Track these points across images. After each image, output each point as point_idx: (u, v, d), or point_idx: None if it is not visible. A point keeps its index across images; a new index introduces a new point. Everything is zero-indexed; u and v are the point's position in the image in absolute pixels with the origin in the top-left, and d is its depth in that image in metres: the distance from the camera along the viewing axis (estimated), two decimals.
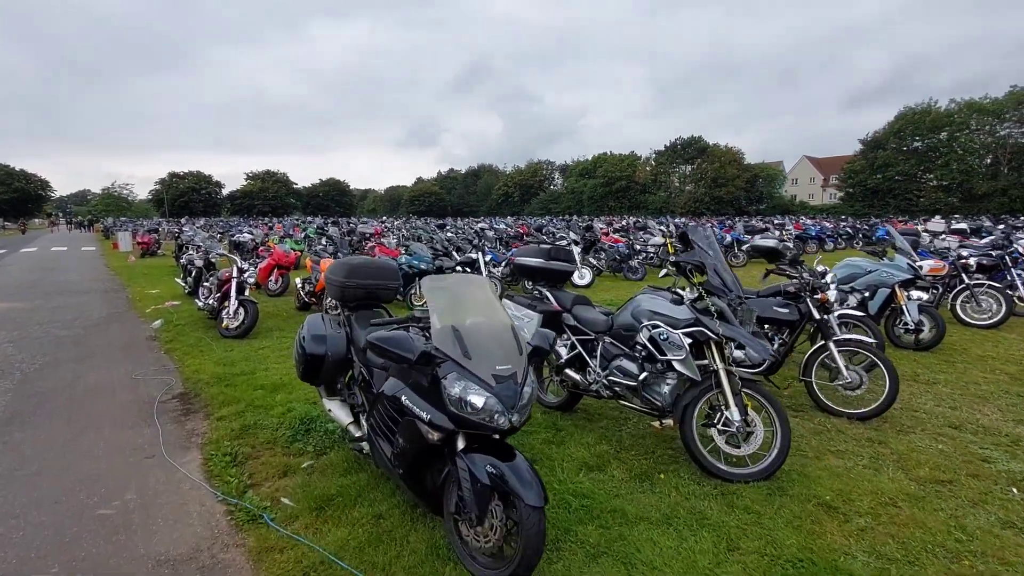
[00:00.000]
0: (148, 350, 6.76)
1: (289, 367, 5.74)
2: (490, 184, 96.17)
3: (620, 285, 12.56)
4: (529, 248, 4.71)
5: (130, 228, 32.25)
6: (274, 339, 7.10)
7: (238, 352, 6.44)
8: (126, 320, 8.74)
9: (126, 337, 7.49)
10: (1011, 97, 52.85)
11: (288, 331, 7.55)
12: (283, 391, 4.96)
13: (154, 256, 21.62)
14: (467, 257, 10.58)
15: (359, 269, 3.69)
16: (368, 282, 3.70)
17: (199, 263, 9.90)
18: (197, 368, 5.78)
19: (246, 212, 78.97)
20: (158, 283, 13.11)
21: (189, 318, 8.59)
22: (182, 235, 16.55)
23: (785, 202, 71.06)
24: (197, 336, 7.30)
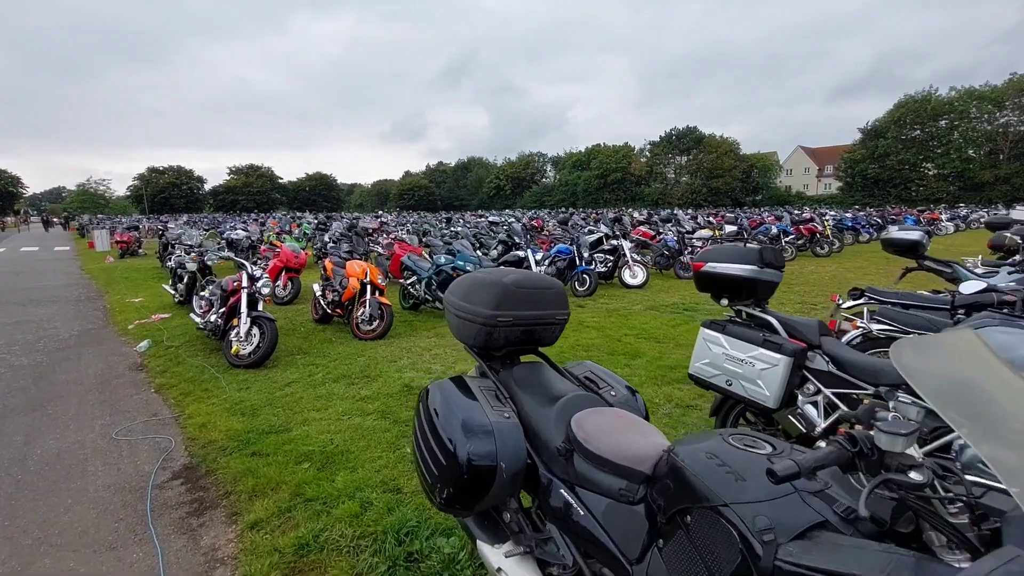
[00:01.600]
0: (133, 387, 5.07)
1: (336, 416, 4.12)
2: (481, 177, 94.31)
3: (675, 286, 11.05)
4: (724, 249, 3.13)
5: (107, 226, 29.97)
6: (300, 368, 5.44)
7: (257, 390, 4.78)
8: (103, 340, 7.00)
9: (103, 366, 5.78)
10: (1011, 85, 52.38)
11: (315, 355, 5.90)
12: (342, 466, 3.33)
13: (135, 256, 19.64)
14: (513, 255, 8.98)
15: (517, 292, 2.07)
16: (532, 313, 2.11)
17: (192, 267, 8.18)
18: (204, 420, 4.13)
19: (229, 208, 76.15)
20: (141, 289, 11.30)
21: (183, 336, 6.89)
22: (167, 233, 14.68)
23: (781, 193, 70.33)
24: (197, 364, 5.62)
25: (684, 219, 18.09)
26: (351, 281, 6.82)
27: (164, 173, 79.50)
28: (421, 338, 6.71)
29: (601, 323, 7.46)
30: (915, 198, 54.50)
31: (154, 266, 15.45)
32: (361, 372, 5.25)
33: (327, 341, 6.60)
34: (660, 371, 5.21)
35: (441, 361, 5.66)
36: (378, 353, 5.99)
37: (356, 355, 5.90)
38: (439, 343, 6.44)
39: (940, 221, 26.03)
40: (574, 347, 6.15)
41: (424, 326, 7.38)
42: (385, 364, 5.53)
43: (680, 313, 8.17)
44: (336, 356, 5.87)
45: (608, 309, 8.53)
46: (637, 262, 10.93)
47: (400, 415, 4.11)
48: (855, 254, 16.89)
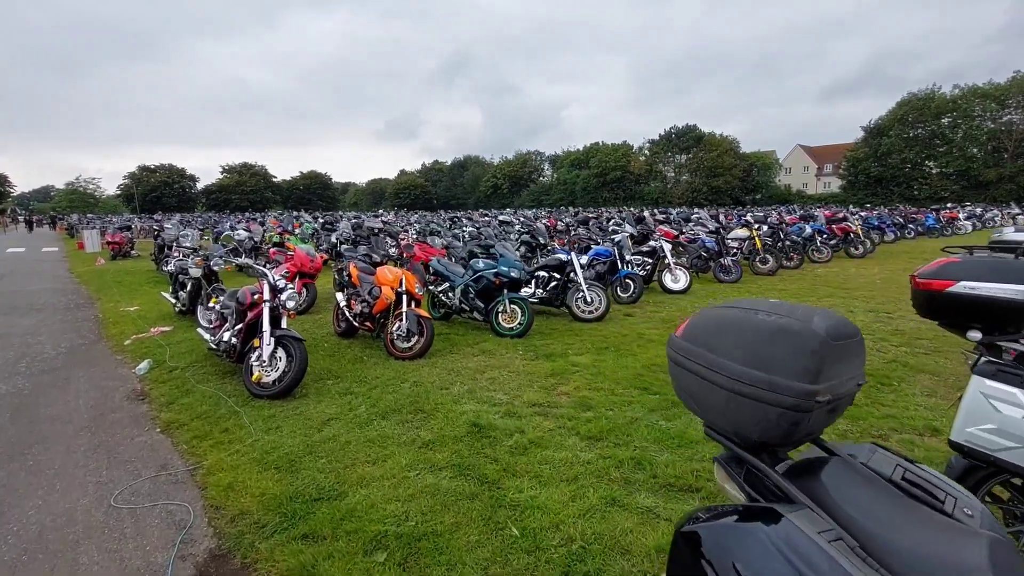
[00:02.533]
0: (134, 425, 4.14)
1: (399, 472, 3.22)
2: (478, 176, 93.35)
3: (718, 290, 10.21)
4: (987, 264, 2.25)
5: (98, 226, 28.80)
6: (336, 399, 4.53)
7: (290, 431, 3.87)
8: (96, 359, 6.05)
9: (96, 395, 4.84)
10: (1015, 83, 52.01)
11: (350, 379, 4.99)
12: (433, 560, 2.43)
13: (127, 258, 18.58)
14: (553, 259, 8.08)
15: (835, 349, 1.17)
16: (847, 380, 1.23)
17: (196, 273, 7.24)
18: (230, 476, 3.22)
19: (222, 207, 74.71)
20: (136, 295, 10.32)
21: (190, 354, 5.95)
22: (163, 234, 13.67)
23: (781, 191, 69.85)
24: (210, 393, 4.70)
25: (707, 218, 17.26)
26: (384, 291, 5.90)
27: (155, 172, 77.86)
28: (466, 356, 5.81)
29: (663, 336, 6.58)
30: (918, 197, 53.99)
31: (149, 269, 14.43)
32: (411, 404, 4.34)
33: (358, 360, 5.68)
34: None
35: (502, 388, 4.77)
36: (423, 377, 5.09)
37: (398, 379, 5.00)
38: (489, 363, 5.54)
39: (958, 220, 25.39)
40: (650, 367, 5.28)
41: (464, 340, 6.48)
42: (436, 393, 4.62)
43: None
44: (375, 381, 4.96)
45: (662, 319, 7.66)
46: (679, 265, 10.07)
47: (482, 470, 3.22)
48: (888, 255, 16.13)
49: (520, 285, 7.03)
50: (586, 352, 5.90)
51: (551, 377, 5.07)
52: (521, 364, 5.50)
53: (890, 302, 8.64)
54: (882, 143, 56.50)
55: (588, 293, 7.57)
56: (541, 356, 5.78)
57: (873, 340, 6.35)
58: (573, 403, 4.39)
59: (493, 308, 6.77)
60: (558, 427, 3.89)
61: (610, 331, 6.91)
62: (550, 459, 3.37)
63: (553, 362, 5.54)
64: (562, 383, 4.89)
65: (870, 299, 8.92)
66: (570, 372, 5.19)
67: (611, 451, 3.48)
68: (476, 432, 3.78)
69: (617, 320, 7.62)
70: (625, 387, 4.77)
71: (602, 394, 4.59)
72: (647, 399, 4.45)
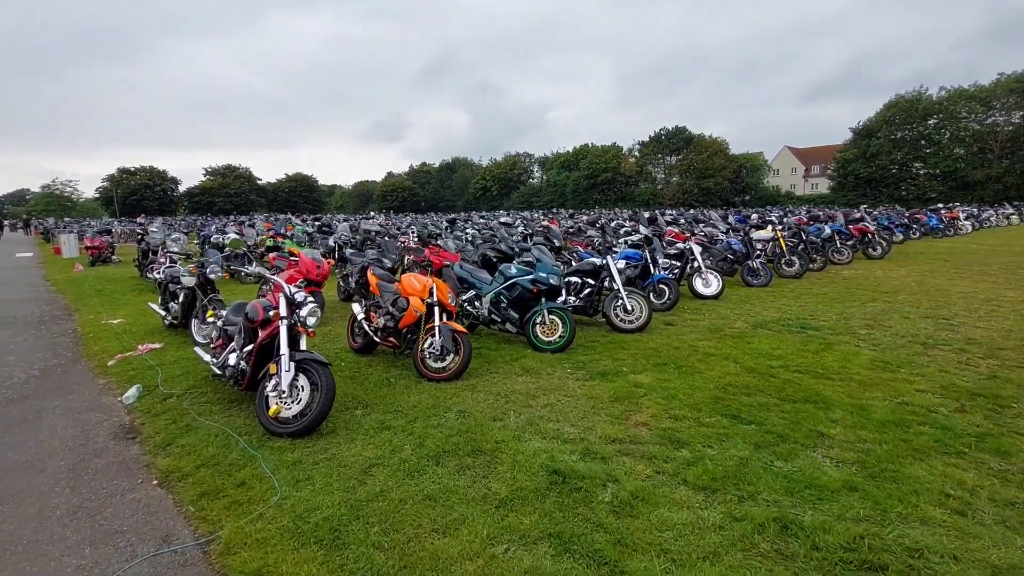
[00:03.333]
0: (123, 476, 3.32)
1: (482, 549, 2.46)
2: (466, 178, 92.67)
3: (751, 295, 9.56)
4: None
5: (76, 229, 27.49)
6: (372, 436, 3.75)
7: (324, 485, 3.08)
8: (74, 384, 5.19)
9: (75, 433, 4.00)
10: (1000, 85, 52.64)
11: (382, 407, 4.20)
12: None
13: (107, 264, 17.47)
14: (587, 263, 7.36)
15: None
16: None
17: (189, 282, 6.39)
18: (258, 558, 2.43)
19: (205, 210, 72.89)
20: (119, 305, 9.39)
21: (186, 377, 5.12)
22: (147, 237, 12.70)
23: (771, 192, 70.08)
24: (216, 430, 3.89)
25: (717, 219, 16.70)
26: (412, 302, 5.13)
27: (136, 174, 75.70)
28: (508, 376, 5.06)
29: (721, 349, 5.91)
30: (906, 197, 54.36)
31: (132, 276, 13.43)
32: (467, 442, 3.58)
33: (385, 383, 4.90)
34: (915, 436, 3.66)
35: (565, 418, 4.02)
36: (467, 403, 4.33)
37: (439, 408, 4.23)
38: (538, 384, 4.79)
39: (958, 220, 25.25)
40: (726, 388, 4.58)
41: (499, 356, 5.73)
42: (490, 426, 3.87)
43: (801, 332, 6.66)
44: (412, 411, 4.19)
45: (708, 328, 6.98)
46: (710, 268, 9.42)
47: (590, 541, 2.47)
48: (904, 256, 15.68)
49: (558, 293, 6.31)
50: (644, 370, 5.18)
51: (617, 402, 4.34)
52: (575, 385, 4.77)
53: (941, 307, 8.07)
54: (871, 144, 56.86)
55: (628, 301, 6.87)
56: (594, 375, 5.05)
57: (952, 351, 5.73)
58: (658, 437, 3.66)
59: (530, 319, 6.03)
60: (656, 472, 3.17)
61: (658, 343, 6.21)
62: (669, 522, 2.64)
63: (611, 382, 4.81)
64: (633, 410, 4.17)
65: (918, 304, 8.34)
66: (637, 396, 4.47)
67: (739, 508, 2.76)
68: (559, 482, 3.04)
69: (659, 330, 6.92)
70: (709, 414, 4.06)
71: (687, 425, 3.87)
72: (743, 431, 3.74)
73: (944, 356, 5.57)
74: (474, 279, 6.77)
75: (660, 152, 73.84)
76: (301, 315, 4.00)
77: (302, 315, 4.00)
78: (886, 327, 6.91)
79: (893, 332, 6.62)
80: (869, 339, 6.32)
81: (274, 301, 4.14)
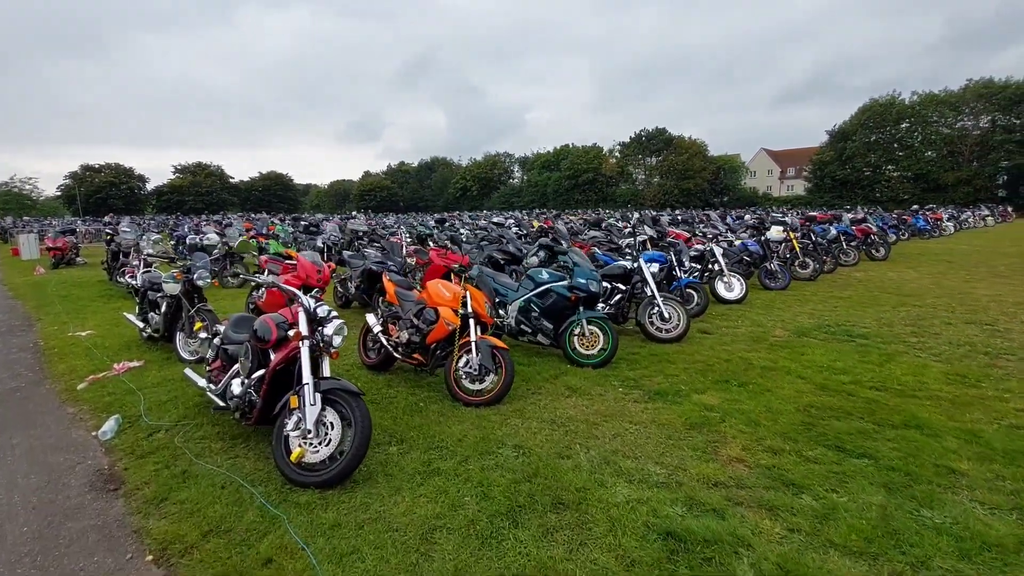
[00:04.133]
0: (107, 550, 2.56)
1: None
2: (446, 178, 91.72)
3: (775, 299, 9.09)
4: None
5: (36, 229, 25.82)
6: (416, 479, 3.05)
7: (381, 561, 2.38)
8: (37, 413, 4.35)
9: (40, 481, 3.20)
10: (969, 91, 54.07)
11: (420, 443, 3.50)
12: None
13: (71, 266, 16.22)
14: (617, 267, 6.75)
15: None
16: None
17: (174, 290, 5.56)
18: None
19: (175, 209, 70.29)
20: (87, 313, 8.43)
21: (173, 404, 4.33)
22: (117, 237, 11.65)
23: (748, 194, 70.91)
24: (222, 478, 3.14)
25: (717, 219, 16.32)
26: (443, 313, 4.44)
27: (100, 171, 72.48)
28: (554, 398, 4.41)
29: (777, 362, 5.36)
30: (880, 199, 55.46)
31: (100, 280, 12.33)
32: (541, 491, 2.91)
33: (415, 409, 4.19)
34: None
35: (644, 453, 3.39)
36: (520, 434, 3.66)
37: (490, 442, 3.55)
38: (593, 408, 4.15)
39: (942, 221, 25.56)
40: (808, 411, 4.01)
41: (535, 372, 5.06)
42: (559, 465, 3.21)
43: (850, 341, 6.18)
44: (457, 446, 3.50)
45: (749, 336, 6.45)
46: (733, 271, 8.92)
47: None
48: (902, 256, 15.52)
49: (596, 300, 5.67)
50: (705, 388, 4.59)
51: (694, 431, 3.73)
52: (637, 410, 4.14)
53: (977, 311, 7.71)
54: (847, 147, 57.89)
55: (665, 308, 6.28)
56: (652, 395, 4.43)
57: (1016, 361, 5.30)
58: (764, 478, 3.06)
59: (566, 330, 5.38)
60: (789, 531, 2.55)
61: (705, 355, 5.63)
62: None
63: (676, 405, 4.20)
64: (718, 441, 3.56)
65: (951, 308, 7.96)
66: (713, 422, 3.86)
67: None
68: (680, 549, 2.40)
69: (697, 339, 6.35)
70: (807, 445, 3.48)
71: (790, 460, 3.28)
72: (860, 467, 3.17)
73: (1017, 367, 5.12)
74: (497, 285, 6.09)
75: (641, 153, 74.07)
76: (325, 334, 3.28)
77: (327, 334, 3.28)
78: (934, 334, 6.48)
79: (945, 340, 6.18)
80: (925, 348, 5.86)
81: (290, 316, 3.41)
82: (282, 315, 3.48)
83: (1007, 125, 51.14)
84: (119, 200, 69.92)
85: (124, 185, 72.44)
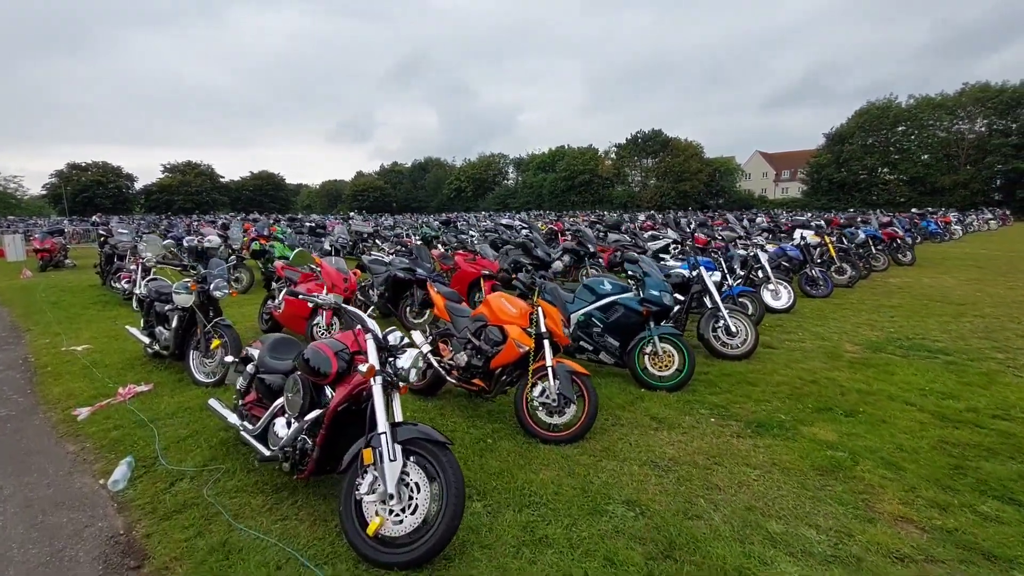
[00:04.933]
0: None
1: None
2: (439, 178, 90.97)
3: (823, 307, 8.55)
4: None
5: (22, 229, 24.80)
6: (520, 552, 2.42)
7: None
8: (30, 453, 3.65)
9: (39, 554, 2.52)
10: (965, 95, 54.27)
11: (507, 496, 2.86)
12: None
13: (60, 268, 15.35)
14: (676, 274, 6.16)
15: None
16: None
17: (186, 302, 4.87)
18: None
19: (164, 209, 68.90)
20: (81, 322, 7.68)
21: (195, 441, 3.65)
22: (112, 239, 10.86)
23: (744, 196, 70.86)
24: (273, 554, 2.48)
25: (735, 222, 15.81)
26: (511, 332, 3.80)
27: (87, 170, 70.79)
28: (644, 432, 3.79)
29: (870, 384, 4.77)
30: (876, 202, 55.58)
31: (92, 284, 11.54)
32: (693, 571, 2.29)
33: (486, 449, 3.54)
34: None
35: (788, 510, 2.78)
36: (629, 486, 3.03)
37: (595, 496, 2.92)
38: (695, 446, 3.54)
39: (951, 225, 25.34)
40: (945, 448, 3.43)
41: (610, 399, 4.42)
42: (692, 530, 2.59)
43: (933, 357, 5.62)
44: (557, 502, 2.87)
45: (821, 352, 5.87)
46: (780, 279, 8.35)
47: None
48: (926, 261, 15.07)
49: (668, 315, 5.07)
50: (812, 420, 3.99)
51: (826, 476, 3.13)
52: (745, 448, 3.53)
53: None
54: (844, 150, 57.92)
55: (731, 321, 5.69)
56: (752, 428, 3.83)
57: None
58: (952, 545, 2.47)
59: (635, 348, 4.77)
60: None
61: (782, 374, 5.05)
62: None
63: (789, 441, 3.61)
64: (865, 492, 2.96)
65: (1016, 319, 7.46)
66: (844, 465, 3.26)
67: None
68: None
69: (764, 355, 5.77)
70: (975, 496, 2.89)
71: (969, 519, 2.69)
72: None
73: None
74: (551, 296, 5.46)
75: (637, 155, 73.77)
76: (399, 367, 2.64)
77: (401, 367, 2.64)
78: (1017, 348, 5.95)
79: None
80: (1018, 366, 5.32)
81: (355, 343, 2.76)
82: (340, 341, 2.83)
83: (1003, 129, 51.39)
84: (106, 199, 68.38)
85: (112, 184, 70.85)
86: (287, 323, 6.22)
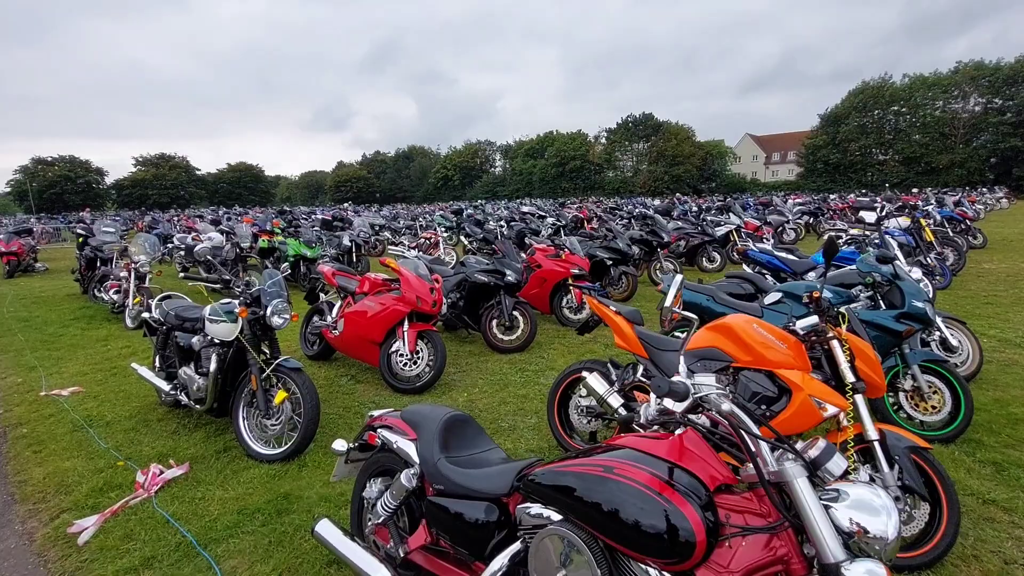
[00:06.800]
0: None
1: None
2: (424, 167, 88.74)
3: (960, 303, 7.26)
4: None
5: None
6: None
7: None
8: None
9: None
10: (960, 73, 53.88)
11: None
12: None
13: (30, 273, 13.39)
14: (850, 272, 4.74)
15: None
16: None
17: (229, 334, 3.29)
18: None
19: (137, 204, 65.71)
20: (63, 346, 6.01)
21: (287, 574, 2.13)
22: (93, 240, 9.06)
23: (736, 180, 70.18)
24: None
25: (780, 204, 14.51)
26: (795, 380, 2.34)
27: (54, 164, 67.01)
28: (976, 524, 2.37)
29: None
30: (872, 182, 55.22)
31: (70, 292, 9.75)
32: None
33: None
34: None
35: None
36: None
37: None
38: None
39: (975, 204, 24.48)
40: None
41: None
42: None
43: None
44: None
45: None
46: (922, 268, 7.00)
47: None
48: None
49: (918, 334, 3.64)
50: None
51: None
52: None
53: None
54: (840, 130, 57.29)
55: (947, 331, 4.31)
56: None
57: None
58: None
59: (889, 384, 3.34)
60: None
61: None
62: None
63: None
64: None
65: None
66: None
67: None
68: None
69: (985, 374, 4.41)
70: None
71: None
72: None
73: None
74: (718, 306, 4.01)
75: (628, 139, 72.46)
76: None
77: None
78: None
79: None
80: None
81: None
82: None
83: (999, 107, 51.09)
84: (76, 195, 64.87)
85: (81, 179, 67.28)
86: (349, 349, 4.66)
